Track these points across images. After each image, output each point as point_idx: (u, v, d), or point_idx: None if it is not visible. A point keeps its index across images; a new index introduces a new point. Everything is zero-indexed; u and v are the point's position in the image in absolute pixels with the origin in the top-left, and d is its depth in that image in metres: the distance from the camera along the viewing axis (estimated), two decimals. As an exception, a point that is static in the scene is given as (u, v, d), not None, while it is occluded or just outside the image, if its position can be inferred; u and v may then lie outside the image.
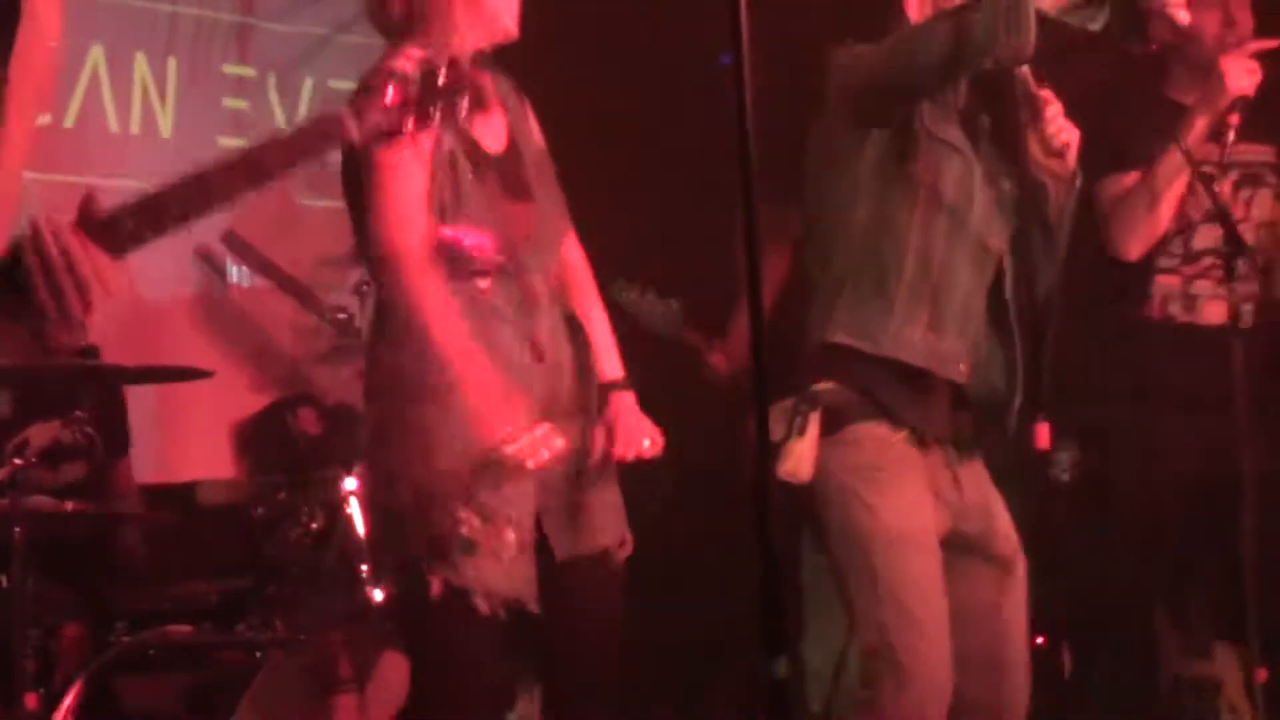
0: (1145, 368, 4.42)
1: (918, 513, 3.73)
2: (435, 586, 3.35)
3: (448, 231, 3.48)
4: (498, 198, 3.57)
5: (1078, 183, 3.84)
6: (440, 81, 2.48)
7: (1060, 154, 3.76)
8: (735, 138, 2.47)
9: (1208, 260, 4.52)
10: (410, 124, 2.42)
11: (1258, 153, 4.62)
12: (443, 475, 3.39)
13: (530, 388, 3.49)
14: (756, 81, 2.48)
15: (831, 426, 3.68)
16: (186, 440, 5.40)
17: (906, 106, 3.67)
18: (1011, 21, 3.24)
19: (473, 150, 3.55)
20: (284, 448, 5.26)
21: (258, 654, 4.34)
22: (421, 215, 3.43)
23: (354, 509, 4.38)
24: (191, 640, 4.48)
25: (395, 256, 3.41)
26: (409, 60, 2.83)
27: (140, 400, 5.15)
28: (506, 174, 3.61)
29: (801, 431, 3.68)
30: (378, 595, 4.22)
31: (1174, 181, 4.42)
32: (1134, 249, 4.50)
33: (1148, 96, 4.63)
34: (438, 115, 2.49)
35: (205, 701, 4.23)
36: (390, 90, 2.40)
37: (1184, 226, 4.49)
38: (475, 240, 3.51)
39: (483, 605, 3.36)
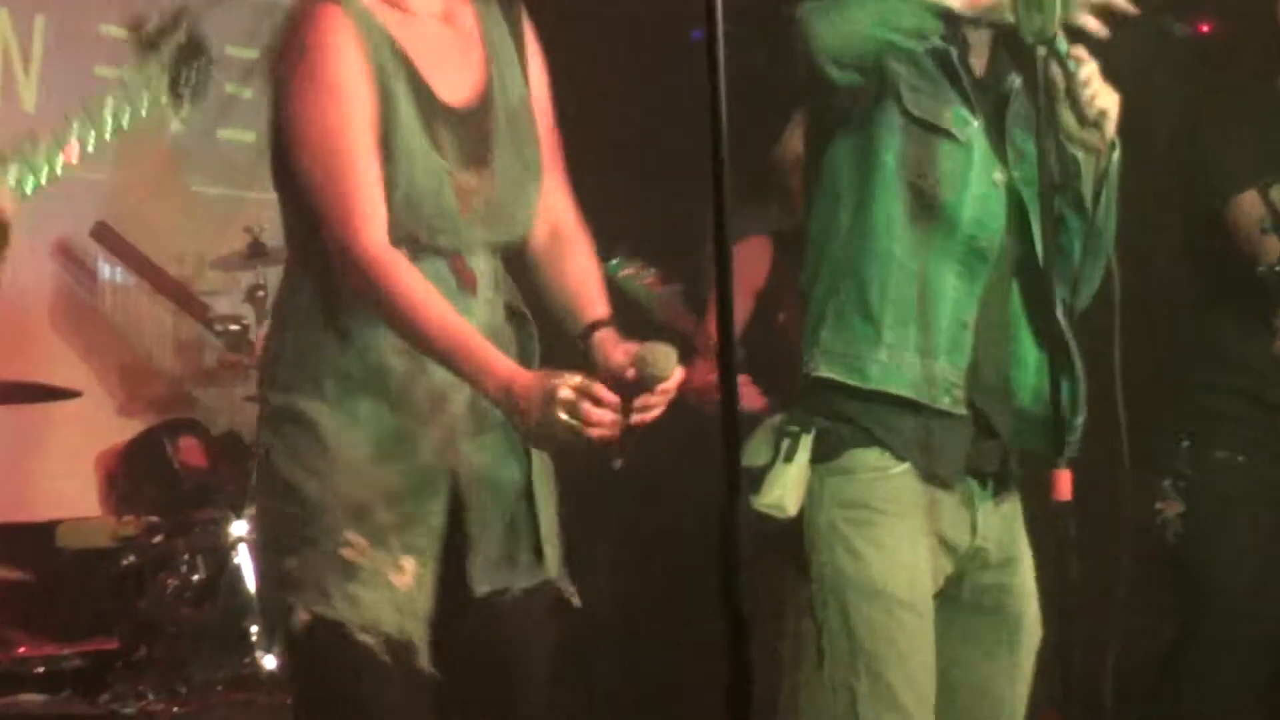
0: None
1: (912, 566, 3.46)
2: (302, 616, 3.09)
3: None
4: (441, 160, 3.28)
5: (1115, 155, 3.48)
6: None
7: (1097, 123, 3.45)
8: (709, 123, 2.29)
9: None
10: None
11: None
12: (337, 490, 3.12)
13: (446, 391, 3.23)
14: (731, 60, 2.32)
15: (824, 453, 3.43)
16: (44, 473, 5.09)
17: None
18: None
19: (426, 100, 3.26)
20: (161, 483, 5.01)
21: None
22: (371, 188, 3.13)
23: (243, 557, 4.27)
24: (46, 711, 4.26)
25: (362, 253, 3.10)
26: None
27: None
28: (463, 134, 3.30)
29: (790, 457, 3.45)
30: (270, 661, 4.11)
31: None
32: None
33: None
34: None
35: None
36: None
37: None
38: None
39: (364, 638, 3.10)
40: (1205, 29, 5.15)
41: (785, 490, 3.42)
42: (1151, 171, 4.53)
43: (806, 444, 3.48)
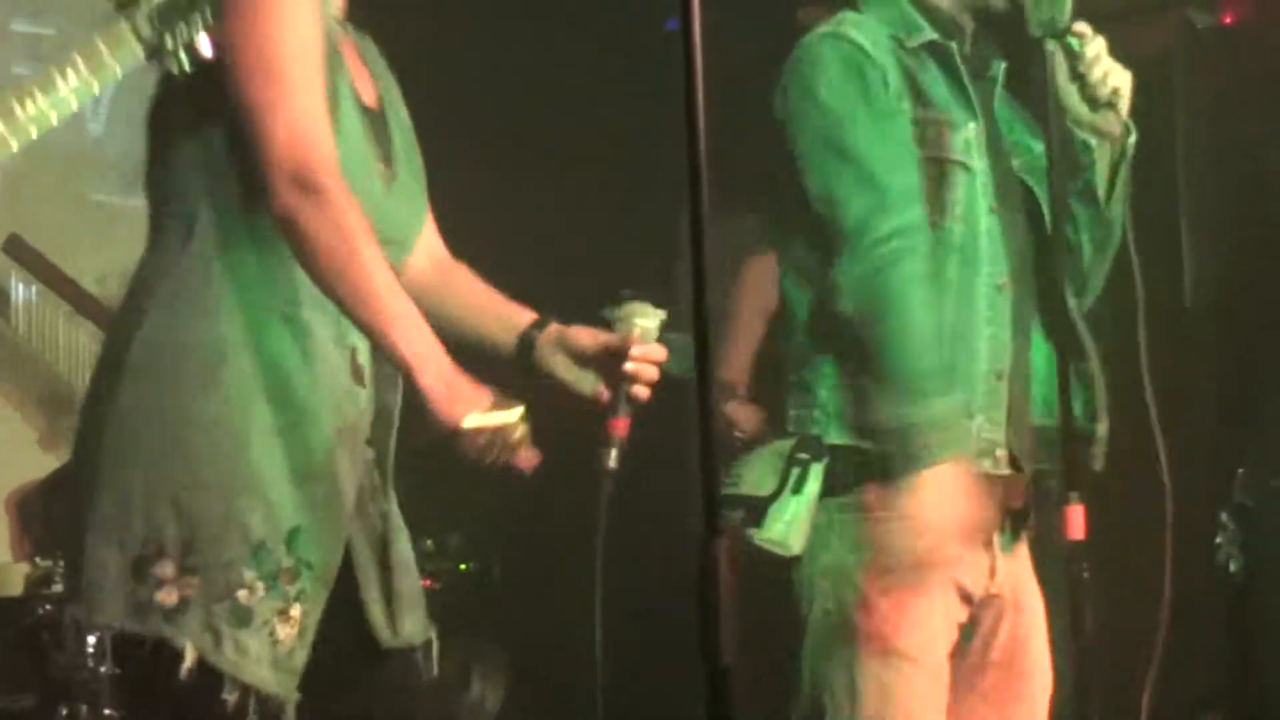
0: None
1: (930, 622, 3.47)
2: (188, 659, 2.94)
3: None
4: (370, 148, 3.28)
5: (1132, 139, 3.62)
6: None
7: (1111, 103, 3.56)
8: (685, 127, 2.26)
9: None
10: None
11: None
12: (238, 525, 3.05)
13: (349, 414, 3.15)
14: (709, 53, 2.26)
15: (837, 486, 3.44)
16: None
17: None
18: None
19: (350, 85, 3.26)
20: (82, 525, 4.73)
21: None
22: (319, 107, 3.10)
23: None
24: None
25: (316, 174, 3.01)
26: None
27: None
28: (374, 134, 3.29)
29: (799, 488, 3.47)
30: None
31: None
32: None
33: None
34: None
35: None
36: None
37: None
38: None
39: (229, 695, 2.97)
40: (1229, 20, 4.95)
41: (791, 525, 3.41)
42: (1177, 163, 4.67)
43: (818, 473, 3.45)
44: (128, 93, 4.02)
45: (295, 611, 3.02)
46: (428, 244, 3.44)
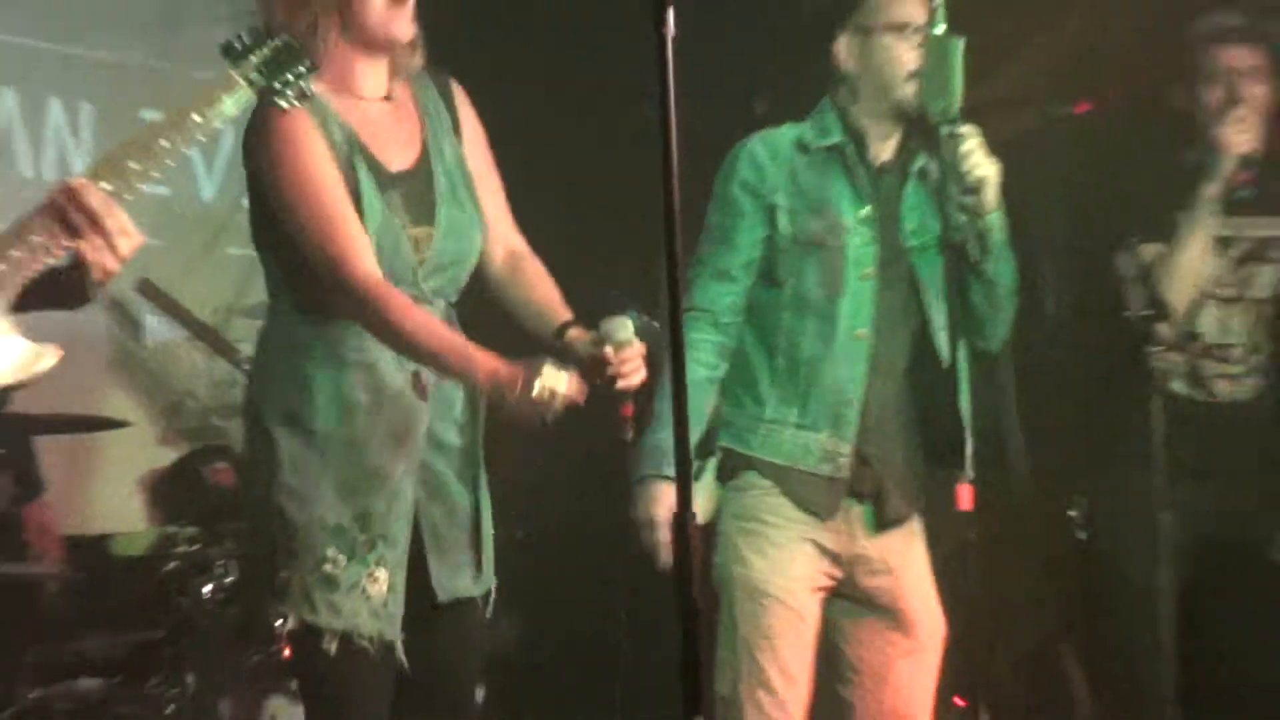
0: (1153, 437, 4.26)
1: (789, 569, 3.79)
2: (290, 624, 3.25)
3: None
4: (396, 220, 3.45)
5: (995, 218, 3.81)
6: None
7: (976, 190, 3.75)
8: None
9: (1210, 340, 4.50)
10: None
11: (1271, 225, 4.56)
12: (318, 514, 3.30)
13: (409, 423, 3.40)
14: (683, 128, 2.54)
15: (726, 474, 3.81)
16: (99, 492, 5.25)
17: None
18: (942, 83, 3.41)
19: (376, 169, 3.43)
20: (197, 500, 5.06)
21: (168, 709, 4.23)
22: (358, 231, 3.31)
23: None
24: (100, 695, 4.39)
25: (358, 280, 3.28)
26: None
27: (51, 452, 5.03)
28: (410, 194, 3.47)
29: (698, 476, 3.69)
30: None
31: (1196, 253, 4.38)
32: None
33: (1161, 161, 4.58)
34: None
35: None
36: None
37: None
38: None
39: (330, 645, 3.25)
40: (1083, 109, 4.97)
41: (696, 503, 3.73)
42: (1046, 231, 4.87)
43: (712, 466, 3.82)
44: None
45: (380, 574, 3.28)
46: (502, 238, 3.61)
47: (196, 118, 2.65)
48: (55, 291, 2.52)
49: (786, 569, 3.76)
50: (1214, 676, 4.32)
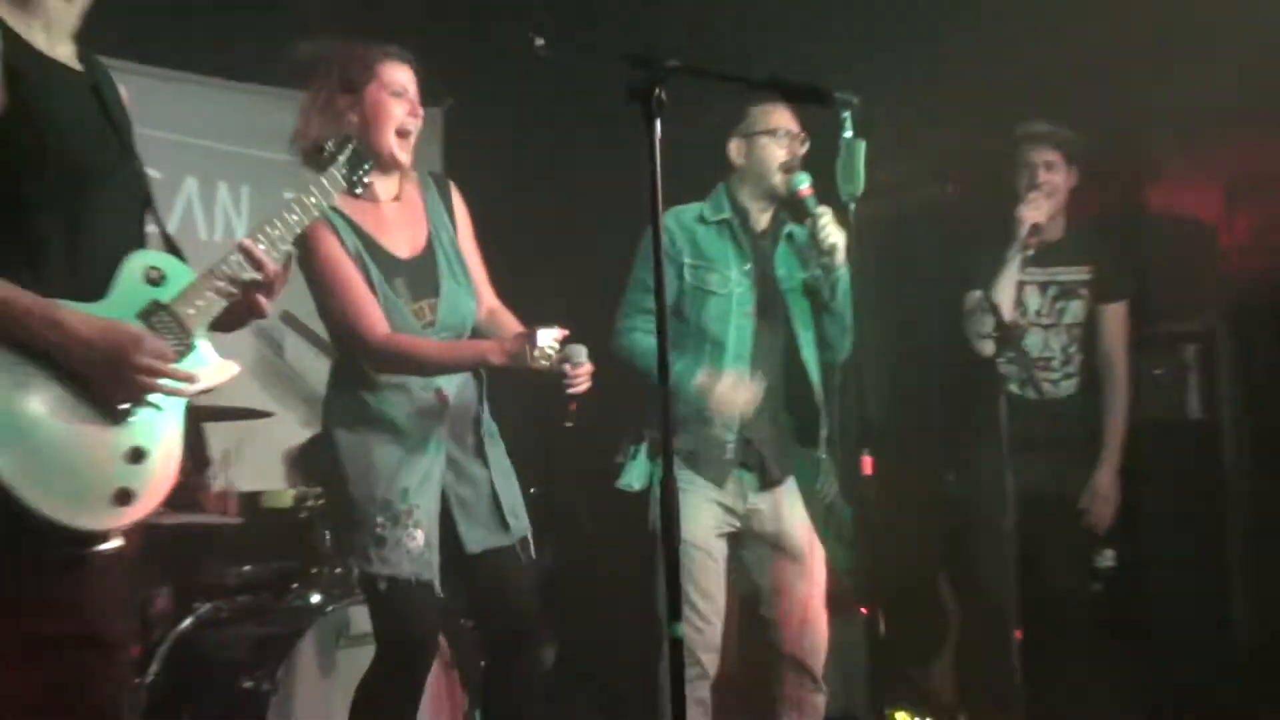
0: (1000, 422, 4.27)
1: (699, 521, 3.76)
2: (355, 570, 3.34)
3: None
4: (405, 293, 3.44)
5: (842, 271, 3.80)
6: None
7: (830, 253, 3.76)
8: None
9: (1042, 352, 4.50)
10: None
11: (1075, 271, 4.54)
12: (370, 493, 3.33)
13: (434, 424, 3.41)
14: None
15: (653, 452, 3.77)
16: (255, 461, 5.20)
17: None
18: (849, 173, 3.30)
19: (385, 259, 3.43)
20: (321, 469, 5.00)
21: (299, 616, 4.18)
22: (371, 304, 3.35)
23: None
24: (254, 606, 4.37)
25: (377, 341, 3.34)
26: None
27: (219, 433, 5.00)
28: (415, 278, 3.46)
29: (634, 457, 3.79)
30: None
31: (1006, 296, 4.37)
32: (984, 347, 4.41)
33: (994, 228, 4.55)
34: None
35: (261, 650, 4.02)
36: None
37: (1016, 327, 4.40)
38: None
39: (382, 584, 3.29)
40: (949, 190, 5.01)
41: (631, 476, 3.80)
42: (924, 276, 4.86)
43: (643, 449, 3.83)
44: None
45: (418, 533, 3.32)
46: (485, 300, 3.63)
47: (310, 199, 2.70)
48: (227, 319, 2.55)
49: (697, 521, 3.73)
50: (1043, 590, 4.32)
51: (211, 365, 2.48)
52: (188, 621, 4.17)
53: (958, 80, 4.96)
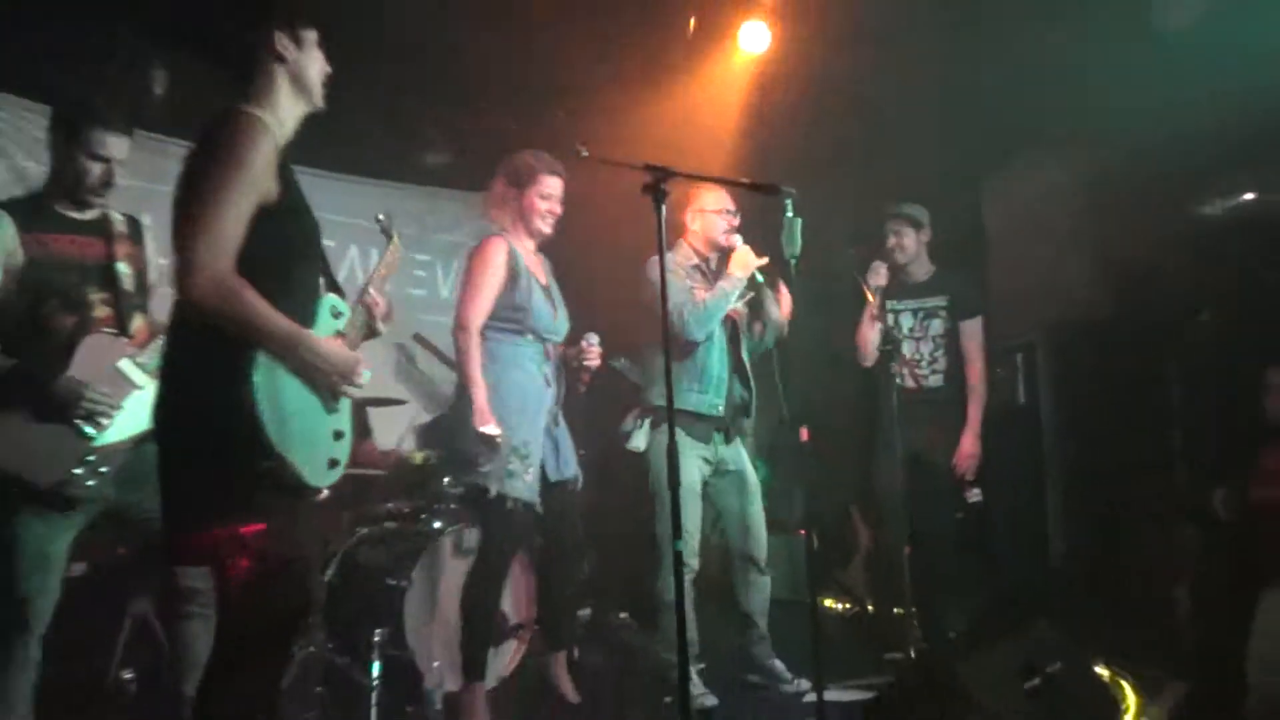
0: (893, 407, 4.14)
1: (690, 472, 3.63)
2: (492, 491, 3.27)
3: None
4: (544, 303, 3.47)
5: (757, 292, 3.74)
6: None
7: (766, 280, 3.72)
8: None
9: (913, 356, 4.41)
10: None
11: (934, 299, 4.46)
12: (505, 442, 3.28)
13: (544, 399, 3.40)
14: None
15: (655, 423, 3.63)
16: (393, 433, 5.08)
17: None
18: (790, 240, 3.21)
19: (533, 279, 3.46)
20: (442, 438, 4.84)
21: (428, 539, 4.04)
22: (478, 303, 3.34)
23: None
24: (393, 532, 4.23)
25: (457, 320, 3.37)
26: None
27: (372, 413, 4.92)
28: (548, 296, 3.51)
29: (640, 426, 3.65)
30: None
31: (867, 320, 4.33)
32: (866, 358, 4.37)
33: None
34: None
35: (399, 559, 3.90)
36: None
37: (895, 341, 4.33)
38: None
39: (513, 504, 3.28)
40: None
41: (637, 440, 3.66)
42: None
43: (646, 421, 3.69)
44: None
45: (531, 469, 3.32)
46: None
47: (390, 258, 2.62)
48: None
49: (687, 471, 3.60)
50: (923, 519, 4.24)
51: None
52: (352, 539, 4.07)
53: (856, 172, 4.90)
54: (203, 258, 1.95)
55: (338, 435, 2.24)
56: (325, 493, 2.20)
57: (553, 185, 3.46)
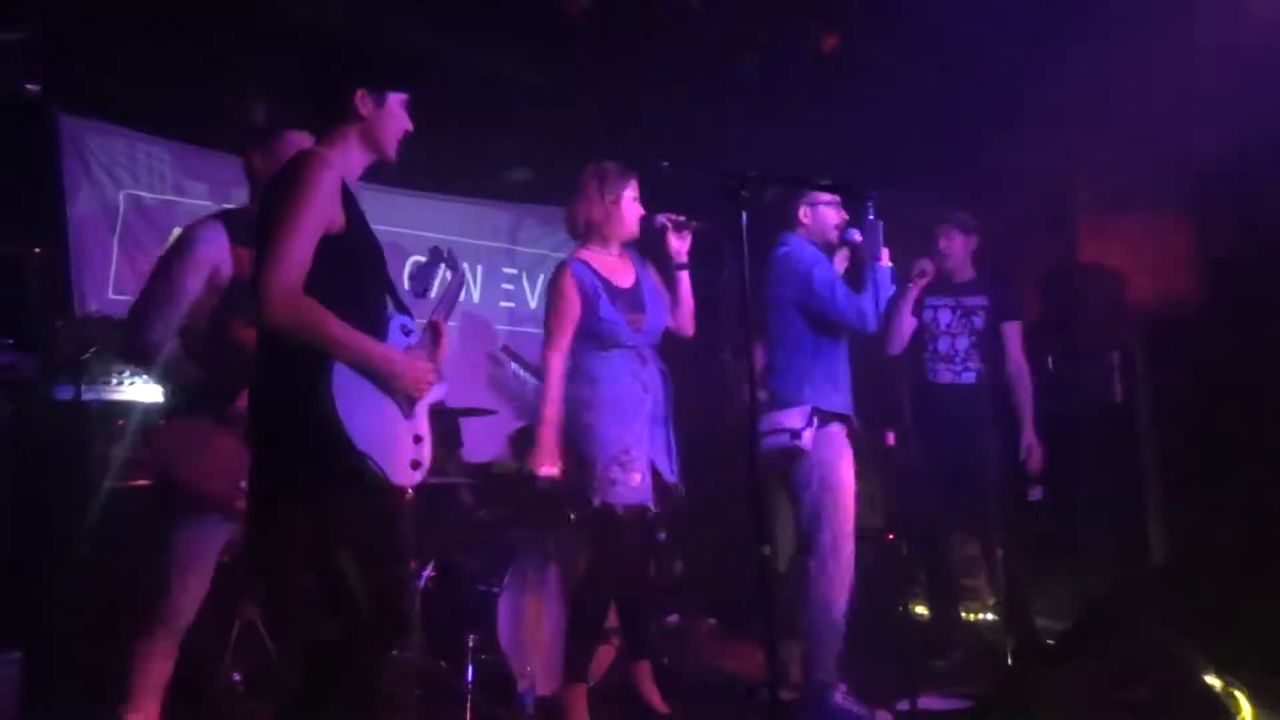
0: (931, 400, 4.27)
1: (852, 475, 3.55)
2: (596, 502, 3.23)
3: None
4: (624, 312, 3.42)
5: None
6: None
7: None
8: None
9: (948, 352, 4.43)
10: None
11: (975, 300, 4.47)
12: (602, 456, 3.28)
13: (641, 404, 3.36)
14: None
15: (820, 421, 3.49)
16: (485, 442, 5.15)
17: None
18: (873, 244, 3.28)
19: (612, 290, 3.43)
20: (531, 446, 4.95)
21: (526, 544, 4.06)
22: (564, 335, 3.37)
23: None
24: (488, 537, 4.23)
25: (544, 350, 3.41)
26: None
27: (464, 423, 4.92)
28: (630, 299, 3.46)
29: (811, 425, 3.47)
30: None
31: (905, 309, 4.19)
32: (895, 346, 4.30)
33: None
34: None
35: (492, 564, 3.92)
36: None
37: (933, 336, 4.39)
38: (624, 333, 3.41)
39: (618, 511, 3.23)
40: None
41: (805, 438, 3.45)
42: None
43: (815, 420, 3.49)
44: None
45: (635, 474, 3.26)
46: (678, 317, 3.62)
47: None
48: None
49: (849, 470, 3.56)
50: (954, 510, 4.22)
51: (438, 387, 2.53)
52: (446, 546, 4.10)
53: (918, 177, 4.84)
54: (273, 282, 2.12)
55: (417, 439, 2.36)
56: (410, 493, 2.28)
57: (635, 191, 3.49)
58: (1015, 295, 4.49)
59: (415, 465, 2.33)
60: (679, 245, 3.46)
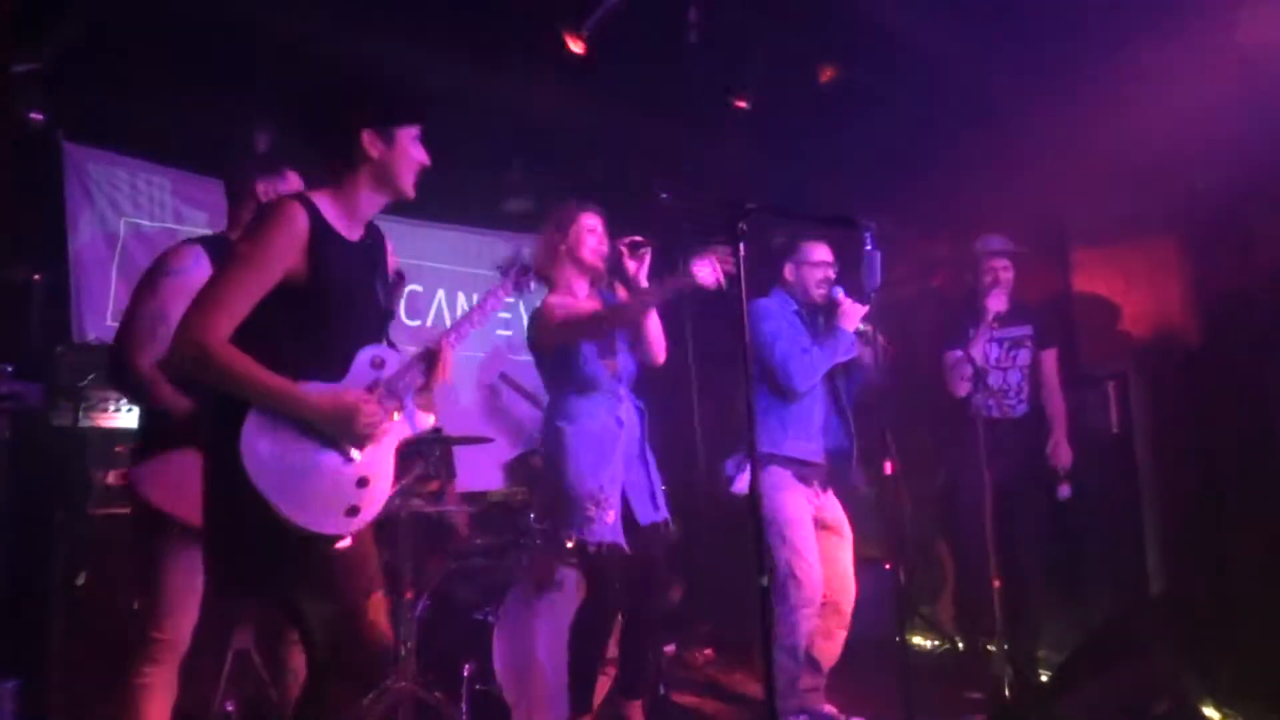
0: (978, 435, 4.13)
1: (799, 510, 3.64)
2: (571, 540, 3.24)
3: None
4: (604, 356, 3.40)
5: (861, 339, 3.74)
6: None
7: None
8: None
9: (1000, 387, 4.40)
10: None
11: (1020, 329, 4.46)
12: (578, 492, 3.27)
13: (617, 441, 3.34)
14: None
15: (763, 464, 3.58)
16: (482, 469, 5.15)
17: None
18: (870, 273, 3.19)
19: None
20: (528, 474, 5.07)
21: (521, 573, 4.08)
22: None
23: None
24: (481, 565, 4.26)
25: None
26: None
27: (461, 452, 4.96)
28: (604, 346, 3.44)
29: (743, 470, 3.60)
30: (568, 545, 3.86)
31: (978, 354, 4.25)
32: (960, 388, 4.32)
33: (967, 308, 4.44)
34: None
35: (487, 593, 3.94)
36: None
37: (983, 371, 4.29)
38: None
39: (592, 548, 3.23)
40: (937, 281, 4.93)
41: (741, 484, 3.62)
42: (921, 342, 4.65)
43: (748, 465, 3.48)
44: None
45: (610, 512, 3.24)
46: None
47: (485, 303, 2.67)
48: (427, 384, 2.51)
49: (797, 507, 3.66)
50: (1014, 555, 4.18)
51: (417, 417, 2.45)
52: (442, 575, 4.11)
53: (939, 204, 4.86)
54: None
55: (362, 481, 2.27)
56: (347, 540, 2.23)
57: (593, 221, 3.43)
58: (1053, 322, 4.48)
59: (353, 512, 2.23)
60: (636, 268, 3.37)
